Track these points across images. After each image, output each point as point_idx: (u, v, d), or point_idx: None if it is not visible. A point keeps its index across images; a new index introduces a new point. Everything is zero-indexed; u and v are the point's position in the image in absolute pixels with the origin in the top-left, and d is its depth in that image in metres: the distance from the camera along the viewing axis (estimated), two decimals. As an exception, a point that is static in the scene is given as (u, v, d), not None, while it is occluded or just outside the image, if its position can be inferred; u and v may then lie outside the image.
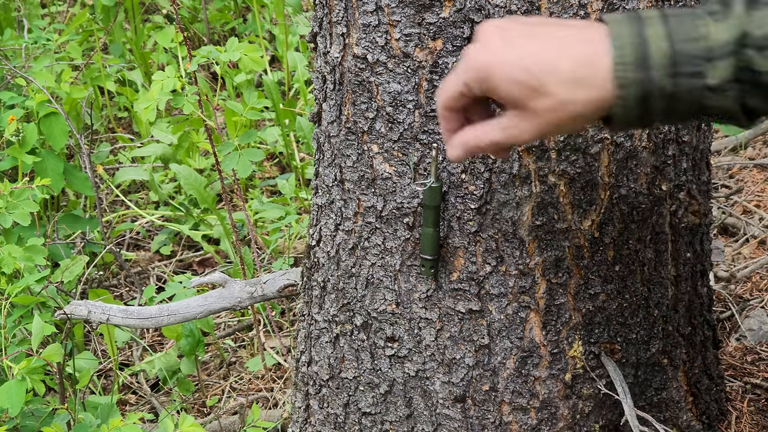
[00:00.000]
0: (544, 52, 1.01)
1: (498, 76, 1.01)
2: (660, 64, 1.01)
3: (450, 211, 1.35)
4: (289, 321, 2.51)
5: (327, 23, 1.38)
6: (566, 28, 1.04)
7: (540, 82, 1.00)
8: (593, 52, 1.00)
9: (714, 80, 1.01)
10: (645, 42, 1.01)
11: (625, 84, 1.01)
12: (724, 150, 3.07)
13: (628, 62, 1.01)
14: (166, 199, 3.08)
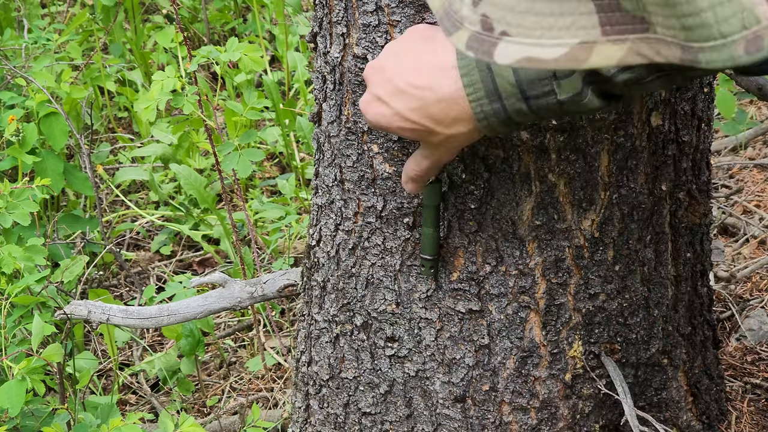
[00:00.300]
0: (414, 102, 1.14)
1: (393, 129, 1.17)
2: (509, 93, 1.09)
3: (450, 211, 1.35)
4: (289, 321, 2.51)
5: (327, 23, 1.38)
6: (422, 73, 1.14)
7: (425, 127, 1.14)
8: (452, 91, 1.11)
9: (565, 95, 1.08)
10: (491, 74, 1.09)
11: (485, 116, 1.11)
12: (724, 150, 3.07)
13: (481, 96, 1.10)
14: (166, 199, 3.08)
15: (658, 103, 1.35)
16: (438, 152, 1.20)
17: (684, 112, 1.40)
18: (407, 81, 1.15)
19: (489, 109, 1.10)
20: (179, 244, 3.01)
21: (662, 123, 1.37)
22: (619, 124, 1.32)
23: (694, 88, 1.41)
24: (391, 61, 1.19)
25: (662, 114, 1.36)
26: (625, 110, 1.31)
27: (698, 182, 1.47)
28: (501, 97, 1.09)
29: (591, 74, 1.07)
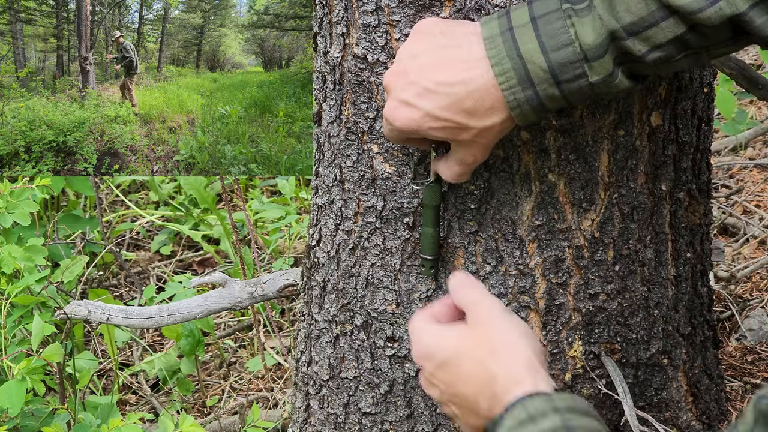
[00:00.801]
0: (445, 100, 1.14)
1: (424, 131, 1.16)
2: (542, 79, 1.11)
3: (450, 211, 1.35)
4: (289, 321, 2.51)
5: (327, 23, 1.38)
6: (449, 69, 1.14)
7: (458, 124, 1.14)
8: (484, 81, 1.12)
9: (597, 77, 1.10)
10: (523, 61, 1.10)
11: (518, 104, 1.12)
12: (724, 150, 3.07)
13: (514, 84, 1.11)
14: (166, 199, 3.08)
15: (658, 103, 1.35)
16: (471, 151, 1.19)
17: (684, 112, 1.40)
18: (434, 80, 1.15)
19: (522, 96, 1.11)
20: (179, 244, 3.01)
21: (662, 123, 1.36)
22: (619, 124, 1.32)
23: (694, 87, 1.41)
24: (411, 63, 1.18)
25: (662, 114, 1.36)
26: (625, 110, 1.31)
27: (698, 182, 1.47)
28: (533, 84, 1.10)
29: (622, 54, 1.09)
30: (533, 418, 1.06)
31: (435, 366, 1.18)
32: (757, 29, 1.05)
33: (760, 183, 2.81)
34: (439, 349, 1.17)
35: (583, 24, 1.08)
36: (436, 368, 1.18)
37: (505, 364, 1.12)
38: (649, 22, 1.07)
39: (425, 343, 1.19)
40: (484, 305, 1.20)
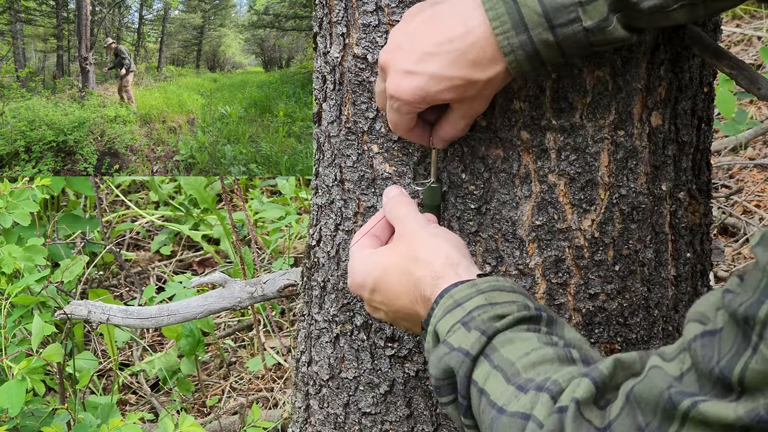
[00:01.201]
0: (447, 58, 1.14)
1: (432, 96, 1.16)
2: (536, 23, 1.10)
3: (450, 211, 1.35)
4: (289, 321, 2.51)
5: (327, 23, 1.38)
6: (444, 26, 1.14)
7: (465, 79, 1.14)
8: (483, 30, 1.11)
9: (590, 21, 1.10)
10: (516, 5, 1.10)
11: (512, 49, 1.11)
12: (724, 150, 3.07)
13: (508, 29, 1.10)
14: (166, 199, 3.08)
15: (658, 103, 1.35)
16: (474, 105, 1.19)
17: (684, 112, 1.40)
18: (432, 42, 1.14)
19: (516, 41, 1.11)
20: (179, 244, 3.01)
21: (662, 123, 1.37)
22: (619, 124, 1.32)
23: (694, 87, 1.41)
24: (404, 36, 1.18)
25: (662, 114, 1.36)
26: (625, 110, 1.32)
27: (698, 182, 1.47)
28: (527, 28, 1.10)
29: (617, 1, 1.08)
30: (458, 303, 1.12)
31: (370, 291, 1.24)
32: None
33: (760, 183, 2.81)
34: (368, 274, 1.24)
35: None
36: (372, 293, 1.24)
37: (426, 265, 1.18)
38: None
39: (357, 272, 1.26)
40: (408, 220, 1.27)
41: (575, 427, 0.92)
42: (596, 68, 1.27)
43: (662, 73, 1.33)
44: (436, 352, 1.10)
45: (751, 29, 3.94)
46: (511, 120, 1.28)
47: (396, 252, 1.24)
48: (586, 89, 1.28)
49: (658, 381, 0.86)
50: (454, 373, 1.08)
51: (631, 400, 0.89)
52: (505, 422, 1.00)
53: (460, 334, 1.09)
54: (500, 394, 1.03)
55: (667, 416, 0.85)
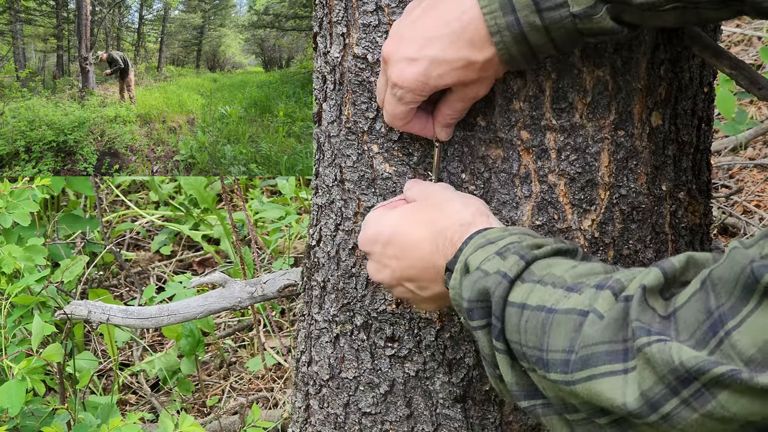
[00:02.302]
0: (445, 40, 1.14)
1: (433, 81, 1.17)
2: (523, 5, 1.11)
3: (450, 211, 1.35)
4: (289, 321, 2.51)
5: (327, 23, 1.38)
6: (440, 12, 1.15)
7: (465, 59, 1.15)
8: (476, 10, 1.12)
9: (578, 7, 1.10)
10: None
11: (498, 29, 1.12)
12: (724, 150, 3.07)
13: (495, 9, 1.11)
14: (166, 199, 3.08)
15: (658, 103, 1.35)
16: (474, 88, 1.20)
17: (684, 112, 1.40)
18: (429, 28, 1.15)
19: (503, 21, 1.11)
20: (179, 244, 3.01)
21: (662, 123, 1.37)
22: (619, 124, 1.32)
23: (694, 87, 1.41)
24: (404, 26, 1.19)
25: (662, 114, 1.36)
26: (625, 110, 1.31)
27: (698, 182, 1.47)
28: (514, 9, 1.11)
29: None
30: (491, 241, 1.11)
31: (383, 244, 1.22)
32: None
33: (760, 183, 2.81)
34: (385, 226, 1.23)
35: None
36: (385, 246, 1.22)
37: (455, 214, 1.19)
38: None
39: (371, 225, 1.25)
40: (432, 187, 1.27)
41: (640, 311, 0.90)
42: (596, 68, 1.27)
43: (662, 73, 1.33)
44: (470, 278, 1.08)
45: (751, 29, 3.94)
46: (511, 120, 1.28)
47: (419, 206, 1.23)
48: (586, 89, 1.28)
49: (740, 259, 0.85)
50: (490, 295, 1.05)
51: (706, 284, 0.87)
52: (559, 320, 0.98)
53: (496, 262, 1.07)
54: (548, 297, 1.00)
55: (747, 292, 0.83)
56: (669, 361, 0.86)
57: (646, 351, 0.88)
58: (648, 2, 1.08)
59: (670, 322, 0.89)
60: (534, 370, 1.01)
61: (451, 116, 1.25)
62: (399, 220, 1.23)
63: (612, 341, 0.92)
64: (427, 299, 1.23)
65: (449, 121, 1.26)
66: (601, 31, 1.12)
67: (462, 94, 1.22)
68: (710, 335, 0.85)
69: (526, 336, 1.01)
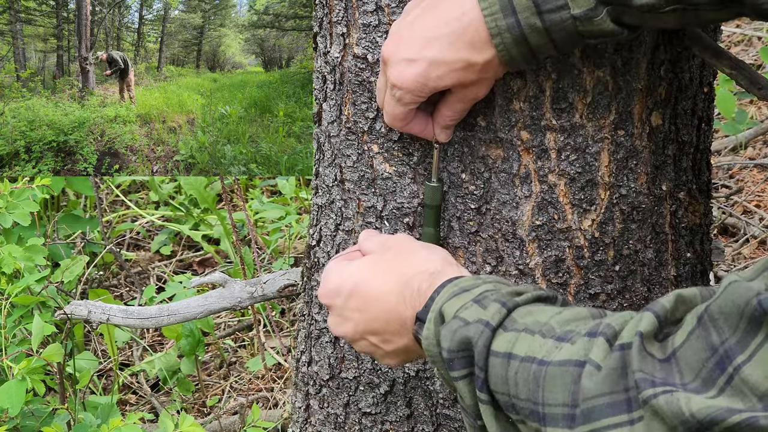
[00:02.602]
0: (444, 41, 1.13)
1: (432, 82, 1.16)
2: (524, 6, 1.10)
3: (450, 211, 1.35)
4: (289, 321, 2.51)
5: (327, 23, 1.38)
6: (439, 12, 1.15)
7: (464, 61, 1.14)
8: (477, 12, 1.11)
9: (578, 9, 1.10)
10: None
11: (499, 31, 1.11)
12: (724, 150, 3.07)
13: (496, 11, 1.10)
14: (166, 199, 3.08)
15: (658, 103, 1.35)
16: (474, 89, 1.19)
17: (684, 112, 1.40)
18: (429, 27, 1.15)
19: (503, 23, 1.11)
20: (179, 244, 3.01)
21: (662, 123, 1.37)
22: (619, 124, 1.32)
23: (694, 87, 1.41)
24: (403, 27, 1.19)
25: (662, 114, 1.36)
26: (625, 110, 1.32)
27: (698, 182, 1.47)
28: (515, 11, 1.10)
29: None
30: (465, 289, 1.08)
31: (345, 296, 1.19)
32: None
33: (760, 183, 2.81)
34: (346, 278, 1.19)
35: None
36: (347, 298, 1.18)
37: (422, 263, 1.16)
38: None
39: (332, 277, 1.21)
40: (392, 238, 1.25)
41: (640, 359, 0.87)
42: (596, 68, 1.27)
43: (662, 73, 1.33)
44: (448, 327, 1.05)
45: (751, 29, 3.94)
46: (511, 120, 1.28)
47: (383, 258, 1.21)
48: (586, 89, 1.28)
49: (743, 292, 0.82)
50: (472, 344, 1.02)
51: (704, 320, 0.84)
52: (554, 372, 0.94)
53: (474, 310, 1.04)
54: (538, 348, 0.97)
55: (754, 325, 0.80)
56: (678, 412, 0.83)
57: (653, 403, 0.85)
58: (648, 4, 1.08)
59: (671, 365, 0.87)
60: (524, 422, 0.98)
61: (450, 117, 1.25)
62: (362, 271, 1.19)
63: (613, 392, 0.89)
64: (390, 353, 1.19)
65: (449, 122, 1.25)
66: (601, 33, 1.11)
67: (461, 95, 1.21)
68: (718, 372, 0.83)
69: (516, 388, 0.98)
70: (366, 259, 1.23)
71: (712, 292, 0.91)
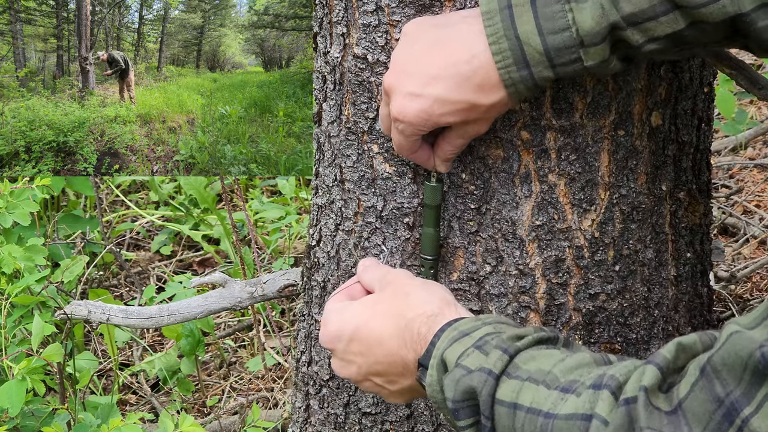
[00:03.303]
0: (452, 81, 1.14)
1: (435, 118, 1.16)
2: (538, 61, 1.11)
3: (450, 211, 1.35)
4: (289, 321, 2.51)
5: (327, 23, 1.38)
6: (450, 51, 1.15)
7: (469, 103, 1.15)
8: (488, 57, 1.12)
9: (592, 62, 1.11)
10: (520, 42, 1.10)
11: (513, 82, 1.13)
12: (724, 150, 3.07)
13: (510, 64, 1.11)
14: (166, 199, 3.08)
15: (658, 103, 1.35)
16: (475, 127, 1.20)
17: (684, 112, 1.40)
18: (437, 66, 1.15)
19: (517, 76, 1.12)
20: (179, 244, 3.01)
21: (662, 123, 1.37)
22: (619, 124, 1.32)
23: (694, 87, 1.41)
24: (408, 58, 1.18)
25: (662, 114, 1.36)
26: (625, 110, 1.32)
27: (698, 182, 1.47)
28: (529, 65, 1.11)
29: (619, 42, 1.10)
30: (465, 333, 1.09)
31: (346, 341, 1.19)
32: (756, 32, 1.05)
33: (760, 183, 2.81)
34: (346, 322, 1.20)
35: (582, 10, 1.08)
36: (348, 342, 1.19)
37: (420, 305, 1.15)
38: (649, 15, 1.07)
39: (332, 322, 1.21)
40: (391, 273, 1.25)
41: (647, 415, 0.88)
42: (596, 68, 1.27)
43: (662, 73, 1.33)
44: (451, 376, 1.06)
45: (751, 29, 3.93)
46: (511, 120, 1.28)
47: (381, 299, 1.21)
48: (586, 89, 1.28)
49: (746, 343, 0.82)
50: (476, 393, 1.03)
51: (707, 372, 0.85)
52: (561, 426, 0.95)
53: (476, 357, 1.04)
54: (543, 400, 0.98)
55: (759, 377, 0.81)
56: None
57: None
58: (657, 49, 1.10)
59: (678, 417, 0.87)
60: None
61: (451, 152, 1.25)
62: (361, 315, 1.20)
63: None
64: (396, 393, 1.20)
65: (449, 156, 1.26)
66: (610, 72, 1.14)
67: (462, 132, 1.21)
68: (726, 425, 0.83)
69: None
70: (365, 301, 1.23)
71: (711, 337, 0.92)
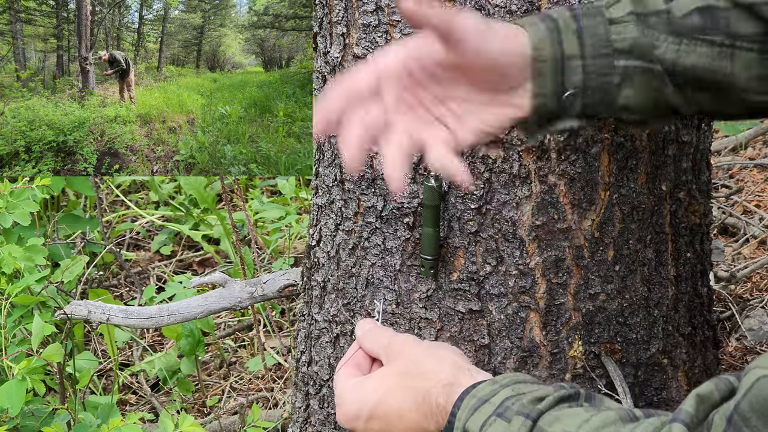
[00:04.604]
0: None
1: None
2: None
3: (450, 211, 1.35)
4: (289, 321, 2.51)
5: (327, 23, 1.38)
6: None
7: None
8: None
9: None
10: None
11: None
12: (724, 150, 3.07)
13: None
14: (166, 199, 3.08)
15: (658, 103, 1.35)
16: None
17: (684, 112, 1.40)
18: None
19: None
20: (179, 244, 3.01)
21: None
22: (619, 123, 1.32)
23: (694, 88, 1.41)
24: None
25: (662, 114, 1.36)
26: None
27: (698, 182, 1.47)
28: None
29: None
30: (484, 399, 1.09)
31: (366, 419, 1.21)
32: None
33: (760, 183, 2.81)
34: (364, 402, 1.21)
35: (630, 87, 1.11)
36: (368, 420, 1.20)
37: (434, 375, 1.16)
38: None
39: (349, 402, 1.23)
40: (396, 340, 1.26)
41: None
42: (596, 68, 1.27)
43: (662, 73, 1.33)
44: None
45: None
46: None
47: (393, 372, 1.21)
48: (586, 89, 1.28)
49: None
50: None
51: (734, 421, 0.86)
52: None
53: (499, 425, 1.05)
54: None
55: None
56: None
57: None
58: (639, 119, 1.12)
59: None
60: None
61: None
62: (375, 391, 1.21)
63: None
64: None
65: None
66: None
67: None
68: None
69: None
70: (378, 375, 1.23)
71: (727, 383, 0.93)
